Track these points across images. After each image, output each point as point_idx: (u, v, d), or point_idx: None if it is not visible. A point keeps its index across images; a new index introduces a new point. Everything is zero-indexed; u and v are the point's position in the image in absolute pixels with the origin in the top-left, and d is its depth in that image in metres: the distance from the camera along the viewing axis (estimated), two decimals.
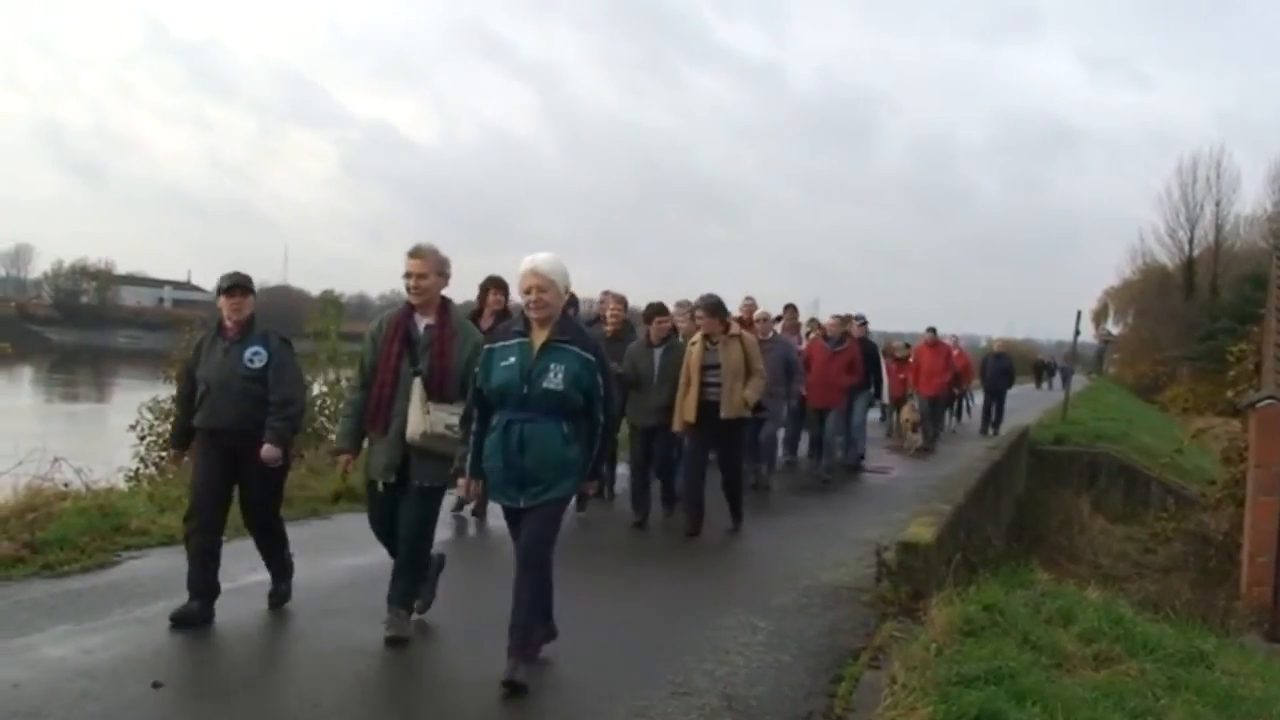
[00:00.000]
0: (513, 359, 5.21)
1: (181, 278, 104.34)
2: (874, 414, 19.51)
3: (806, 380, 12.96)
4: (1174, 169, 69.47)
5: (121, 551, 7.35)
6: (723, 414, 9.02)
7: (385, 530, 6.00)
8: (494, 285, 9.36)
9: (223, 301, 6.25)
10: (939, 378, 18.44)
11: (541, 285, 5.21)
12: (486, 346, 5.44)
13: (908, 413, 18.24)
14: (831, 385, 13.26)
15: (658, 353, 9.66)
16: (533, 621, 5.23)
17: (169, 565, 6.92)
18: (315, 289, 58.01)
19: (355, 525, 7.36)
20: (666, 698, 5.09)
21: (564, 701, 5.03)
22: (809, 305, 18.27)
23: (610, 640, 6.04)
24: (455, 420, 5.61)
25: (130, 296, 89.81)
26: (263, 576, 6.42)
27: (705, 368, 9.10)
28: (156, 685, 4.91)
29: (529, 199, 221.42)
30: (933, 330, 19.18)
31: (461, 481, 5.44)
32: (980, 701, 4.80)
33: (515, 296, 9.62)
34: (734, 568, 8.08)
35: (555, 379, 5.14)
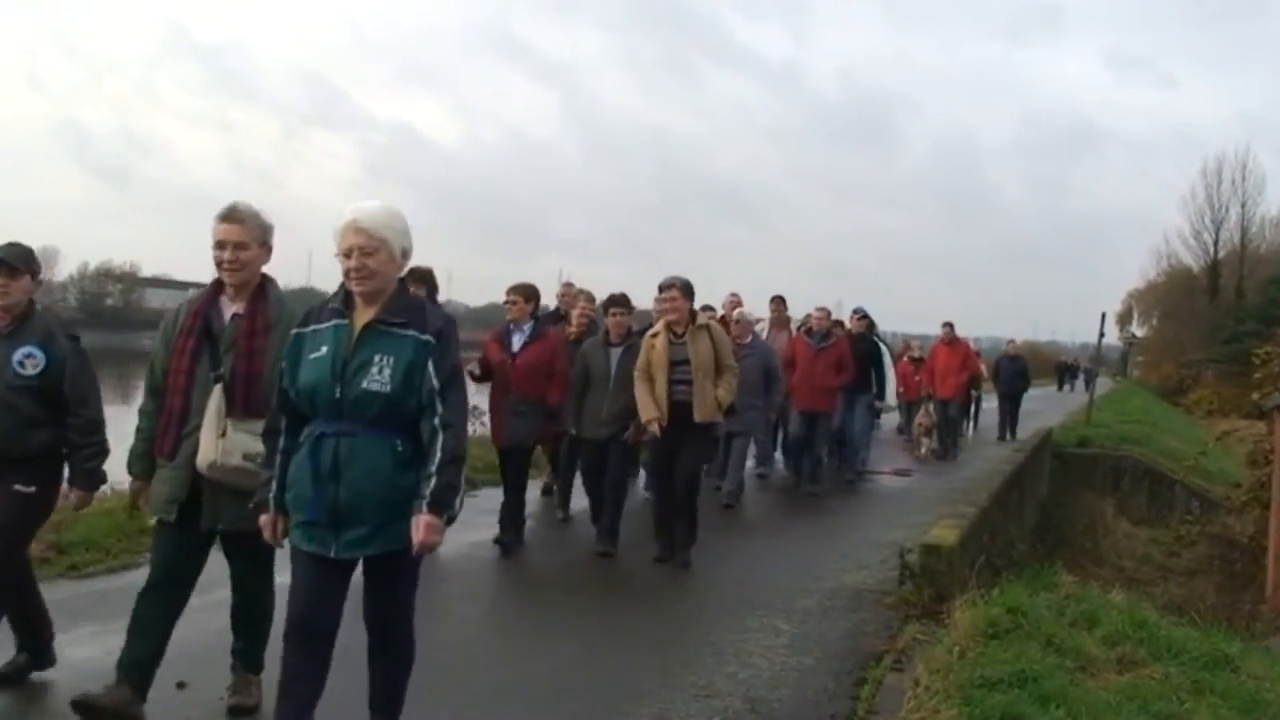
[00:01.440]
0: (324, 348, 3.82)
1: (206, 280, 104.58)
2: (890, 419, 19.17)
3: (789, 383, 11.83)
4: (1199, 170, 69.19)
5: (147, 553, 7.36)
6: (696, 417, 7.84)
7: (165, 577, 4.50)
8: (411, 277, 7.02)
9: None
10: (954, 378, 17.12)
11: (366, 246, 3.77)
12: (294, 331, 3.98)
13: (921, 416, 17.25)
14: (818, 386, 11.98)
15: (615, 353, 8.40)
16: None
17: None
18: None
19: None
20: (689, 700, 5.09)
21: (586, 704, 5.03)
22: (832, 307, 17.68)
23: (632, 643, 6.05)
24: (260, 446, 4.11)
25: (155, 299, 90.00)
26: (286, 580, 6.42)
27: (673, 364, 7.89)
28: (181, 686, 4.93)
29: (551, 201, 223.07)
30: (950, 326, 17.71)
31: (264, 519, 3.94)
32: (1004, 705, 4.78)
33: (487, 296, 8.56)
34: (756, 570, 8.06)
35: (380, 375, 3.73)
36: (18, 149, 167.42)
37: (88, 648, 5.42)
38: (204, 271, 5.39)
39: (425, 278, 8.06)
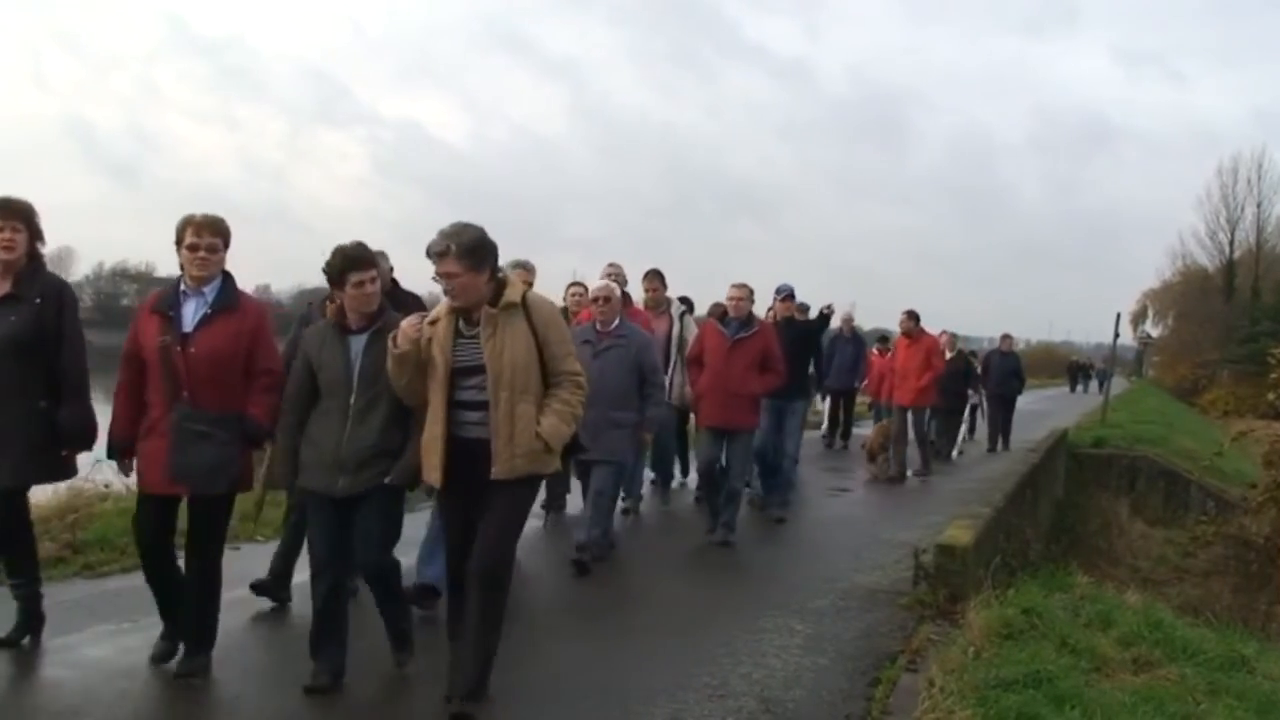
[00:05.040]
0: None
1: None
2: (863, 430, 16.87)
3: (698, 387, 8.86)
4: (1214, 170, 69.03)
5: None
6: (495, 470, 4.62)
7: None
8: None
9: None
10: (914, 380, 13.59)
11: None
12: None
13: (878, 430, 14.31)
14: (735, 393, 8.58)
15: (356, 343, 4.98)
16: None
17: None
18: None
19: None
20: (703, 700, 5.08)
21: (601, 704, 5.02)
22: (847, 307, 16.43)
23: (647, 643, 6.04)
24: None
25: None
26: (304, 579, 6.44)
27: (458, 373, 4.70)
28: (194, 685, 4.94)
29: (561, 199, 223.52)
30: (911, 316, 13.93)
31: None
32: (1018, 705, 4.77)
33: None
34: (771, 571, 8.04)
35: None
36: (30, 149, 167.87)
37: (101, 647, 5.44)
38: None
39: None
